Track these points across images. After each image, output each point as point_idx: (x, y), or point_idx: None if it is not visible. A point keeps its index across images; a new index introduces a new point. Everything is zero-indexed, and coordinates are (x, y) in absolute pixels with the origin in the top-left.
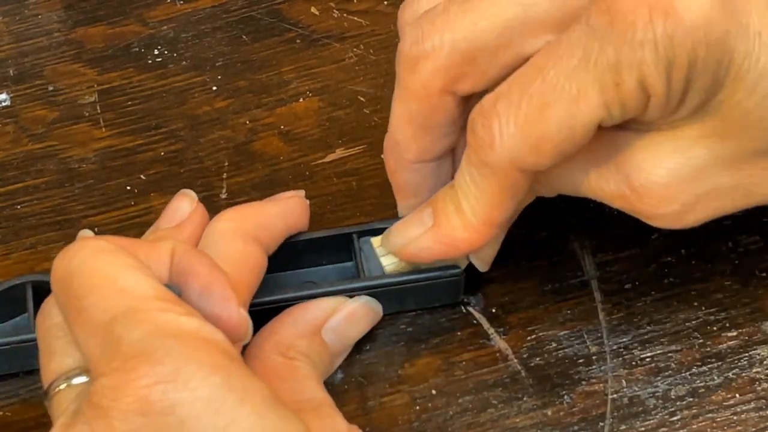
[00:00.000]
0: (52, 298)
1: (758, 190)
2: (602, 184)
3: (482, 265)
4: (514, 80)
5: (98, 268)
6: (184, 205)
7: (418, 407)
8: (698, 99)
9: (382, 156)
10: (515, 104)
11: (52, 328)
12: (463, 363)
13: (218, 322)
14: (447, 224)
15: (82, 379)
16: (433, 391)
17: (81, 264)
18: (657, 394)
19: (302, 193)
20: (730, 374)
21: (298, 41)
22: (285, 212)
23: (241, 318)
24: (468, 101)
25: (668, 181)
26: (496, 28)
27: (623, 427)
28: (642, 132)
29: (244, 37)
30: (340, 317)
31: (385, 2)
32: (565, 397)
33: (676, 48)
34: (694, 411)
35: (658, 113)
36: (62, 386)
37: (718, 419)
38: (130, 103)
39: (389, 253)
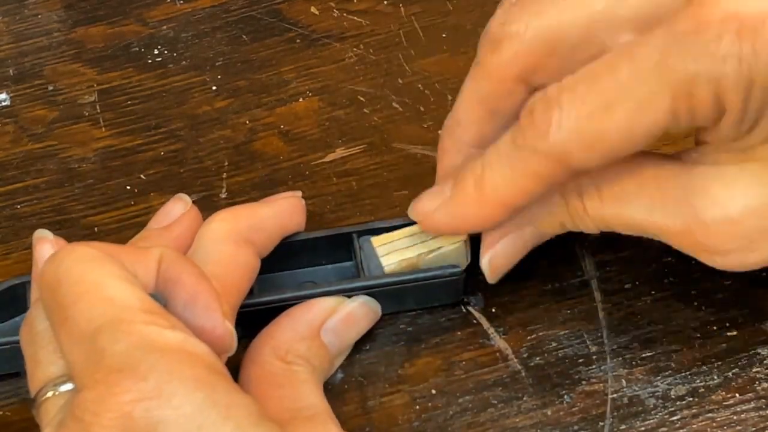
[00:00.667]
0: (36, 306)
1: None
2: (666, 220)
3: (492, 275)
4: (584, 74)
5: (84, 276)
6: (177, 207)
7: (418, 407)
8: None
9: (439, 132)
10: (580, 98)
11: (36, 336)
12: (463, 363)
13: (203, 334)
14: (463, 196)
15: (70, 386)
16: (433, 391)
17: (68, 271)
18: (657, 393)
19: (299, 193)
20: (730, 374)
21: (298, 41)
22: (279, 213)
23: (226, 330)
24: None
25: (740, 215)
26: (582, 21)
27: (623, 426)
28: (716, 165)
29: (244, 37)
30: (339, 317)
31: (385, 2)
32: (565, 396)
33: (761, 67)
34: (694, 411)
35: (730, 131)
36: (49, 394)
37: (718, 419)
38: (130, 102)
39: (389, 252)
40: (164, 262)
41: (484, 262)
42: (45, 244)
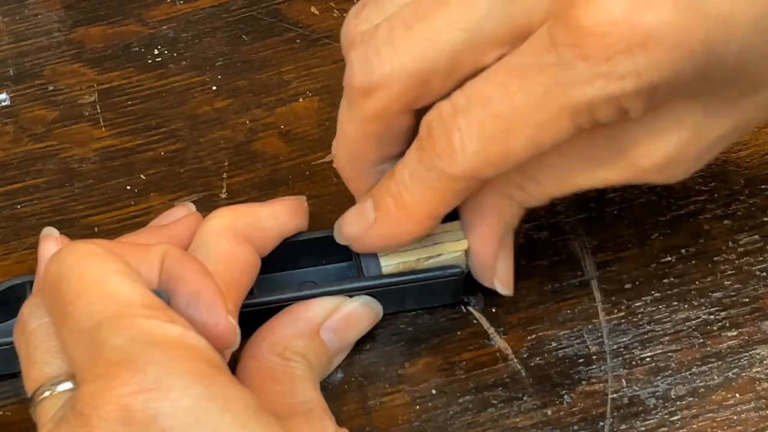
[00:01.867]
0: (27, 306)
1: (753, 123)
2: (610, 175)
3: (507, 290)
4: (474, 94)
5: (87, 273)
6: (179, 211)
7: (418, 407)
8: (685, 95)
9: (334, 165)
10: (478, 122)
11: (30, 336)
12: (463, 363)
13: (206, 330)
14: (388, 219)
15: (68, 385)
16: (433, 391)
17: (70, 268)
18: (657, 393)
19: (303, 197)
20: (730, 374)
21: (298, 41)
22: (278, 213)
23: (229, 325)
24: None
25: (677, 151)
26: (445, 55)
27: (623, 426)
28: (632, 121)
29: (244, 37)
30: (339, 317)
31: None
32: (565, 396)
33: (660, 72)
34: (694, 411)
35: (632, 124)
36: (46, 394)
37: (718, 419)
38: (130, 103)
39: (389, 254)
40: (167, 259)
41: (498, 288)
42: (50, 241)
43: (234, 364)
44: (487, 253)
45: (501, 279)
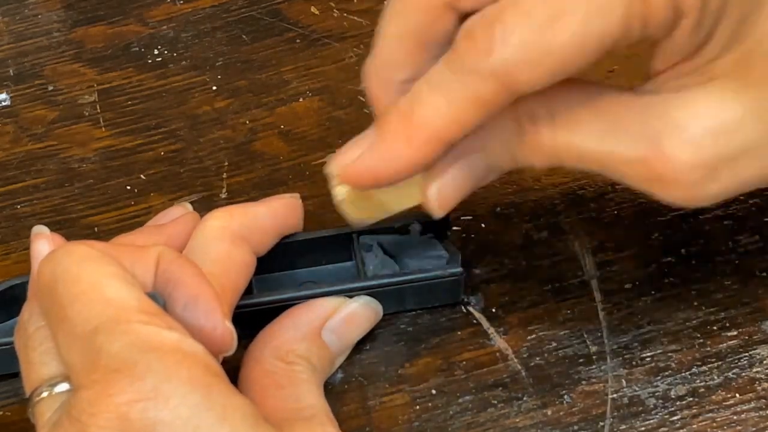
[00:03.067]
0: (26, 308)
1: None
2: (621, 148)
3: (439, 208)
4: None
5: (82, 276)
6: (176, 211)
7: (418, 407)
8: (732, 27)
9: (362, 85)
10: (526, 11)
11: (28, 339)
12: (463, 363)
13: (203, 334)
14: (388, 134)
15: (65, 386)
16: (433, 391)
17: (65, 271)
18: (657, 393)
19: (297, 195)
20: (730, 374)
21: (298, 41)
22: (275, 212)
23: (226, 330)
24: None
25: (702, 139)
26: None
27: (623, 426)
28: (676, 92)
29: (244, 37)
30: (340, 318)
31: (386, 2)
32: (565, 396)
33: None
34: (694, 411)
35: (687, 39)
36: (44, 394)
37: (718, 419)
38: (130, 102)
39: (341, 183)
40: (163, 261)
41: (432, 192)
42: (42, 240)
43: (236, 369)
44: (439, 146)
45: (441, 191)
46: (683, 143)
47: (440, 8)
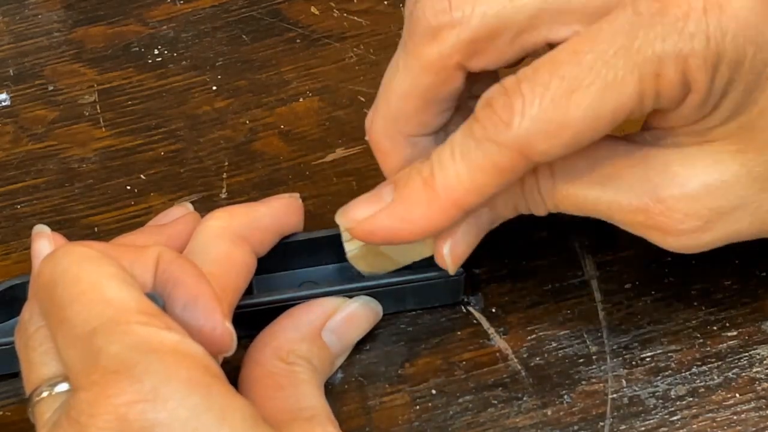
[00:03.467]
0: (27, 308)
1: None
2: (621, 198)
3: (453, 264)
4: (543, 62)
5: (82, 277)
6: (177, 211)
7: (418, 407)
8: (736, 101)
9: (367, 138)
10: (543, 85)
11: (29, 339)
12: (463, 363)
13: (202, 334)
14: (409, 198)
15: (65, 386)
16: (433, 391)
17: (65, 271)
18: (657, 393)
19: (296, 195)
20: (730, 374)
21: (298, 41)
22: (275, 212)
23: (225, 330)
24: (472, 78)
25: (699, 193)
26: (526, 12)
27: (623, 427)
28: (675, 147)
29: (244, 37)
30: (340, 318)
31: (385, 2)
32: (565, 396)
33: (727, 43)
34: (694, 411)
35: (693, 112)
36: (44, 394)
37: (718, 419)
38: (130, 102)
39: (353, 238)
40: (162, 261)
41: (446, 252)
42: (42, 240)
43: (237, 370)
44: (456, 211)
45: (454, 248)
46: (682, 196)
47: (451, 68)
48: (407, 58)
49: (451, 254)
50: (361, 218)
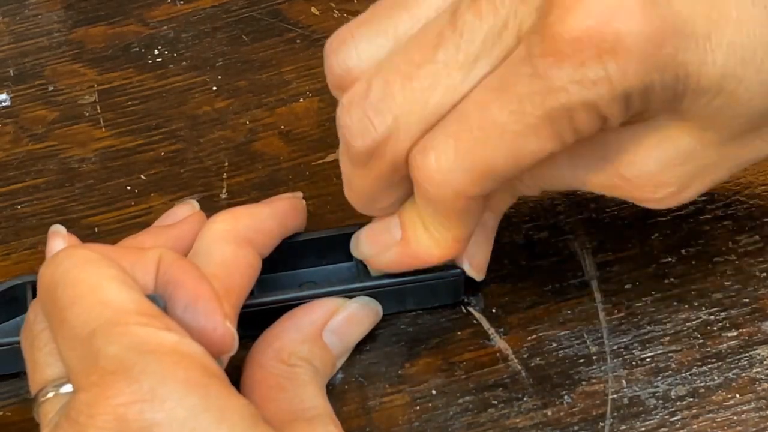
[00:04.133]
0: (33, 309)
1: (748, 157)
2: (592, 177)
3: (477, 275)
4: (452, 115)
5: (82, 279)
6: (183, 210)
7: (418, 407)
8: (661, 110)
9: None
10: (453, 136)
11: (34, 339)
12: (464, 363)
13: (203, 335)
14: (416, 241)
15: (70, 387)
16: (433, 391)
17: (65, 273)
18: (657, 394)
19: (299, 194)
20: (730, 374)
21: (298, 41)
22: (279, 214)
23: (227, 331)
24: None
25: (660, 168)
26: (448, 95)
27: (623, 427)
28: (627, 125)
29: (244, 37)
30: (341, 319)
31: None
32: (565, 397)
33: (630, 80)
34: (694, 411)
35: (618, 125)
36: (50, 395)
37: (718, 419)
38: (130, 103)
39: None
40: (163, 263)
41: (467, 269)
42: (57, 239)
43: (238, 371)
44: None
45: (472, 261)
46: (644, 174)
47: (402, 167)
48: (356, 171)
49: (473, 269)
50: (374, 252)
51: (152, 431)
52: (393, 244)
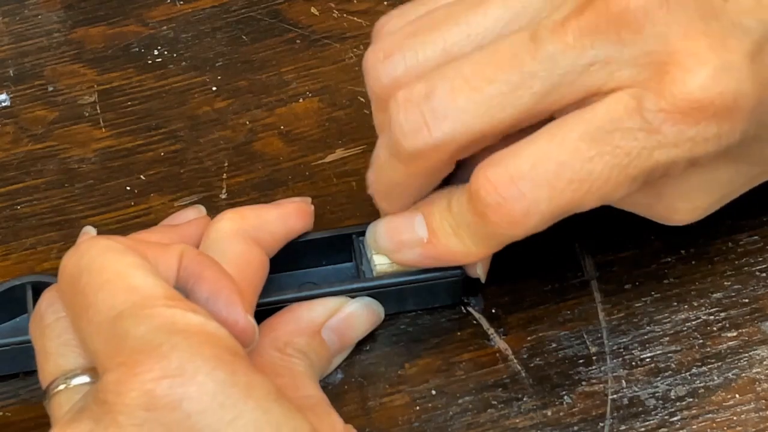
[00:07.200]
0: (46, 298)
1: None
2: (628, 199)
3: (485, 275)
4: (541, 158)
5: (108, 266)
6: (190, 213)
7: (418, 407)
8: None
9: (369, 192)
10: (549, 185)
11: (46, 329)
12: (463, 363)
13: (225, 327)
14: (445, 246)
15: (83, 379)
16: (433, 391)
17: (91, 261)
18: (657, 394)
19: (308, 199)
20: (730, 374)
21: (298, 41)
22: (285, 215)
23: (248, 323)
24: None
25: (696, 208)
26: (513, 116)
27: (623, 427)
28: (665, 178)
29: (244, 37)
30: (341, 317)
31: (385, 2)
32: (565, 397)
33: (737, 136)
34: (694, 411)
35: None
36: (61, 387)
37: (718, 419)
38: (130, 103)
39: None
40: (185, 258)
41: (480, 273)
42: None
43: None
44: None
45: (484, 263)
46: (686, 216)
47: (441, 166)
48: (394, 163)
49: (482, 271)
50: (396, 247)
51: (181, 405)
52: (417, 243)
